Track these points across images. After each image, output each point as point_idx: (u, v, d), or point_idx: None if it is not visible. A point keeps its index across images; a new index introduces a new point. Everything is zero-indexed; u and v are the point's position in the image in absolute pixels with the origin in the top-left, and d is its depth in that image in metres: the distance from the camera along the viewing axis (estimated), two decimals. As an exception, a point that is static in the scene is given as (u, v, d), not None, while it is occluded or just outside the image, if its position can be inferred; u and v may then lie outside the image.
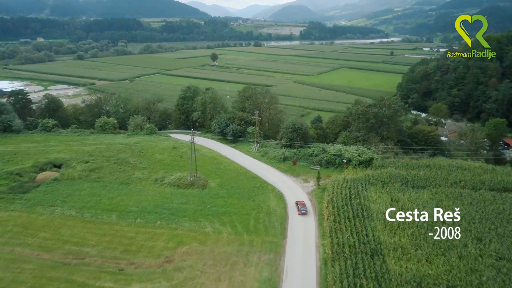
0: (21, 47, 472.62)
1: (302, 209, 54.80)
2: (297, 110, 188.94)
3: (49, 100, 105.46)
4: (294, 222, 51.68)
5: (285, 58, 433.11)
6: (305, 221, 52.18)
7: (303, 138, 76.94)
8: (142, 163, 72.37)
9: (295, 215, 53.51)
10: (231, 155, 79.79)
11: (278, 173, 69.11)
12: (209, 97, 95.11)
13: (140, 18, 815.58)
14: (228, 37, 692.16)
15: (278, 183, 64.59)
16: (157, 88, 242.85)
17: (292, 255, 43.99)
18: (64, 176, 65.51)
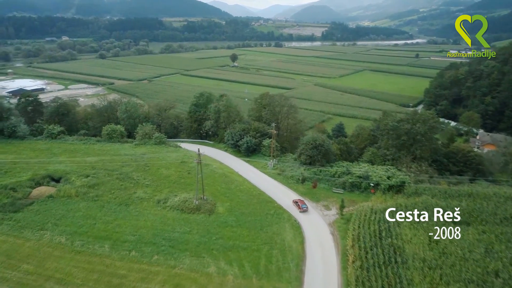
0: (46, 45, 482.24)
1: (303, 207, 57.52)
2: (317, 115, 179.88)
3: (59, 104, 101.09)
4: (312, 263, 43.85)
5: (306, 59, 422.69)
6: (326, 262, 44.26)
7: (325, 155, 68.77)
8: (146, 179, 66.05)
9: (314, 254, 45.62)
10: (244, 171, 72.51)
11: (296, 196, 61.24)
12: (223, 105, 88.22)
13: (163, 17, 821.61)
14: (249, 37, 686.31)
15: (295, 210, 56.81)
16: (175, 89, 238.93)
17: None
18: (60, 193, 59.88)
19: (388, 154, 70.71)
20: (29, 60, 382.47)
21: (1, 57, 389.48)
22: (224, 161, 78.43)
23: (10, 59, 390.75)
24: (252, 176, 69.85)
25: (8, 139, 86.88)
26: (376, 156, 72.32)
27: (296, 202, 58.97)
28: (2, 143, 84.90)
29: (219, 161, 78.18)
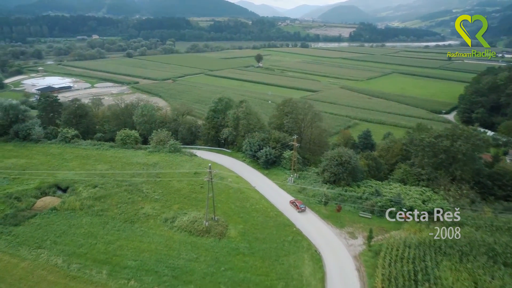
0: (77, 43, 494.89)
1: (301, 206, 58.31)
2: (343, 120, 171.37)
3: (76, 106, 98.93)
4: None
5: (332, 60, 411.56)
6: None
7: (351, 173, 61.89)
8: (156, 192, 61.53)
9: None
10: (262, 186, 66.66)
11: (318, 220, 54.86)
12: (243, 111, 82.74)
13: (190, 17, 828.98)
14: (274, 37, 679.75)
15: (316, 236, 50.49)
16: (198, 90, 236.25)
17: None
18: (64, 205, 56.30)
19: (423, 173, 62.91)
20: (59, 58, 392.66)
21: (34, 54, 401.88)
22: (241, 173, 72.90)
23: (42, 56, 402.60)
24: (270, 192, 63.92)
25: (22, 141, 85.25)
26: (408, 174, 64.70)
27: (293, 202, 60.12)
28: (16, 146, 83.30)
29: (235, 173, 72.71)
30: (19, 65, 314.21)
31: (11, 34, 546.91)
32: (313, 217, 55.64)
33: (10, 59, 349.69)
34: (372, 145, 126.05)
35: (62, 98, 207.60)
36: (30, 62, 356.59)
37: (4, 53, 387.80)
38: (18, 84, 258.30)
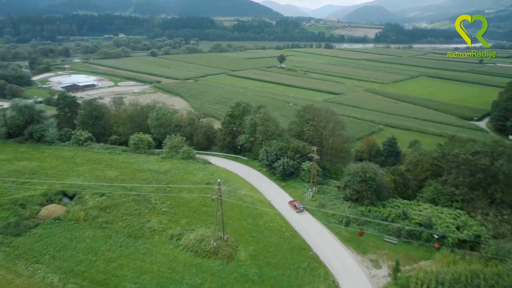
0: (103, 42, 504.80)
1: (300, 207, 59.08)
2: (366, 125, 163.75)
3: (92, 108, 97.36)
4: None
5: (357, 62, 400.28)
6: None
7: (376, 190, 56.20)
8: (164, 204, 57.97)
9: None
10: (277, 201, 61.98)
11: (337, 244, 49.63)
12: (260, 118, 78.22)
13: (214, 17, 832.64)
14: (298, 38, 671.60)
15: (335, 263, 45.36)
16: (219, 90, 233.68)
17: None
18: (68, 215, 53.60)
19: (457, 193, 56.41)
20: (86, 56, 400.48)
21: (62, 52, 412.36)
22: (256, 184, 68.44)
23: (70, 54, 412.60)
24: (286, 208, 59.13)
25: (37, 142, 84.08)
26: (440, 193, 58.33)
27: (292, 203, 61.24)
28: (30, 147, 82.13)
29: (250, 183, 68.33)
30: (47, 63, 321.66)
31: (42, 33, 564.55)
32: (332, 240, 50.42)
33: (39, 57, 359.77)
34: (398, 153, 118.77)
35: (86, 96, 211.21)
36: (58, 60, 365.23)
37: (35, 50, 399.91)
38: (45, 81, 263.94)
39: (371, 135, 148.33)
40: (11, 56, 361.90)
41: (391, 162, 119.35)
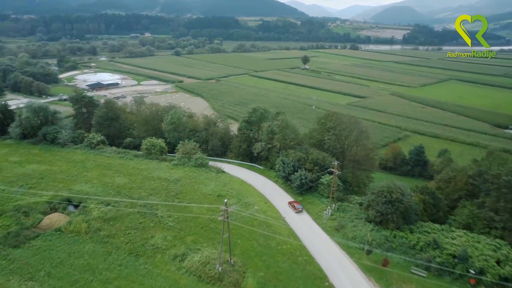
0: (129, 41, 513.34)
1: (299, 207, 59.39)
2: (392, 132, 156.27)
3: (108, 109, 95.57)
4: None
5: (383, 64, 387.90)
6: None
7: (403, 213, 50.27)
8: (171, 217, 54.22)
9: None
10: (293, 217, 57.04)
11: (357, 273, 44.20)
12: (278, 125, 73.50)
13: (239, 16, 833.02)
14: (323, 38, 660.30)
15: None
16: (240, 91, 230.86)
17: None
18: (70, 226, 50.77)
19: (496, 219, 49.73)
20: (112, 54, 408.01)
21: (90, 51, 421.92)
22: (271, 197, 63.70)
23: (97, 53, 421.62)
24: (301, 227, 54.12)
25: (49, 144, 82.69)
26: (476, 218, 51.72)
27: (291, 203, 61.23)
28: (42, 150, 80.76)
29: (265, 197, 63.64)
30: (74, 61, 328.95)
31: (72, 31, 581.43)
32: (352, 268, 45.00)
33: (67, 55, 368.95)
34: (425, 162, 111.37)
35: (109, 95, 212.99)
36: (85, 58, 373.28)
37: (63, 48, 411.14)
38: (71, 79, 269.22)
39: (397, 142, 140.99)
40: (42, 54, 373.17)
41: (417, 172, 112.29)
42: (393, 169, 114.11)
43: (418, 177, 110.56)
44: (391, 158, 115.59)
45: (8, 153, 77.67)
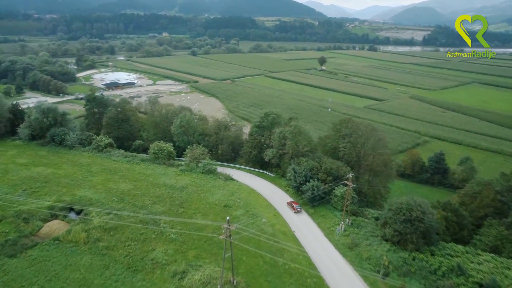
0: (147, 40, 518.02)
1: (297, 207, 59.27)
2: (411, 137, 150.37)
3: (118, 111, 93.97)
4: None
5: (402, 66, 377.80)
6: None
7: (424, 233, 45.89)
8: (174, 228, 51.45)
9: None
10: (303, 232, 53.36)
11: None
12: (290, 132, 69.88)
13: (256, 17, 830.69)
14: (341, 39, 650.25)
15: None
16: (255, 92, 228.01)
17: None
18: (69, 236, 48.62)
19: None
20: (130, 54, 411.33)
21: (108, 50, 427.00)
22: (280, 208, 60.22)
23: (115, 52, 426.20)
24: (312, 243, 50.40)
25: (57, 146, 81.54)
26: (505, 240, 46.95)
27: (290, 203, 61.38)
28: (49, 152, 79.62)
29: (274, 207, 60.21)
30: (92, 60, 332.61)
31: (92, 31, 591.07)
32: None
33: (86, 54, 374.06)
34: (445, 170, 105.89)
35: (125, 94, 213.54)
36: (104, 57, 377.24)
37: (83, 48, 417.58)
38: (88, 78, 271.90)
39: (415, 147, 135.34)
40: (61, 53, 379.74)
41: (437, 180, 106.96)
42: (411, 176, 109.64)
43: (438, 185, 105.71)
44: (409, 165, 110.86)
45: (16, 155, 76.84)
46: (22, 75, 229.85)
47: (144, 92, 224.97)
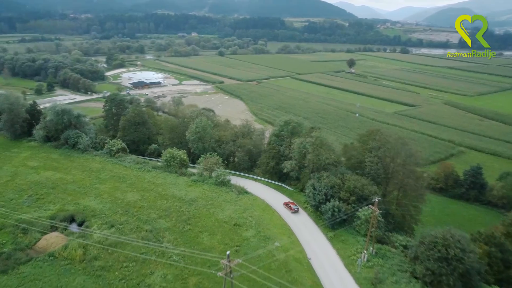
0: (176, 40, 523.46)
1: (294, 207, 60.02)
2: (444, 146, 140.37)
3: (135, 114, 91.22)
4: None
5: (436, 70, 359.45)
6: None
7: (463, 275, 38.65)
8: (177, 248, 46.96)
9: None
10: (320, 260, 47.45)
11: None
12: (312, 143, 63.83)
13: (285, 17, 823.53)
14: (372, 41, 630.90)
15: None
16: (280, 94, 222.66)
17: None
18: (64, 252, 45.27)
19: None
20: (158, 53, 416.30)
21: (138, 49, 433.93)
22: (296, 229, 54.47)
23: (144, 51, 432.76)
24: (330, 275, 44.42)
25: (70, 149, 79.51)
26: None
27: (287, 204, 61.48)
28: (62, 155, 77.67)
29: (289, 228, 54.53)
30: (122, 59, 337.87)
31: (124, 30, 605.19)
32: None
33: (116, 53, 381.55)
34: (482, 185, 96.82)
35: (150, 94, 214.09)
36: (133, 56, 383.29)
37: (113, 47, 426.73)
38: (117, 77, 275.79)
39: (449, 158, 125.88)
40: (93, 52, 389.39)
41: (473, 196, 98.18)
42: (444, 190, 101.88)
43: (473, 202, 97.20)
44: (442, 178, 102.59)
45: (29, 157, 75.42)
46: (54, 73, 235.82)
47: (169, 92, 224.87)
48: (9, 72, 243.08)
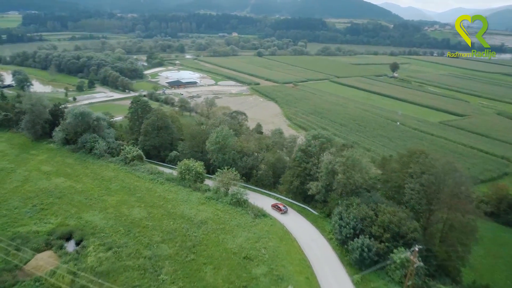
0: (216, 40, 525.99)
1: (284, 208, 60.16)
2: (496, 164, 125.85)
3: (157, 118, 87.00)
4: None
5: (488, 76, 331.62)
6: None
7: None
8: (176, 283, 40.76)
9: None
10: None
11: None
12: (342, 163, 55.12)
13: (327, 18, 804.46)
14: (418, 44, 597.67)
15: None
16: (317, 98, 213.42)
17: None
18: (53, 276, 40.60)
19: None
20: (197, 53, 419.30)
21: (178, 48, 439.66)
22: (317, 266, 46.34)
23: (184, 50, 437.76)
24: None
25: (87, 154, 76.45)
26: None
27: (275, 205, 61.17)
28: (77, 160, 74.76)
29: (309, 264, 46.51)
30: (161, 58, 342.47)
31: (166, 29, 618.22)
32: None
33: (157, 52, 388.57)
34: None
35: (185, 93, 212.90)
36: (172, 55, 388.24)
37: (155, 45, 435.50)
38: (155, 75, 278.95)
39: (503, 178, 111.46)
40: (136, 50, 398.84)
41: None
42: (496, 215, 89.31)
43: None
44: (494, 201, 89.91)
45: (44, 160, 73.11)
46: (95, 70, 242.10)
47: (204, 92, 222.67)
48: (55, 68, 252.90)
